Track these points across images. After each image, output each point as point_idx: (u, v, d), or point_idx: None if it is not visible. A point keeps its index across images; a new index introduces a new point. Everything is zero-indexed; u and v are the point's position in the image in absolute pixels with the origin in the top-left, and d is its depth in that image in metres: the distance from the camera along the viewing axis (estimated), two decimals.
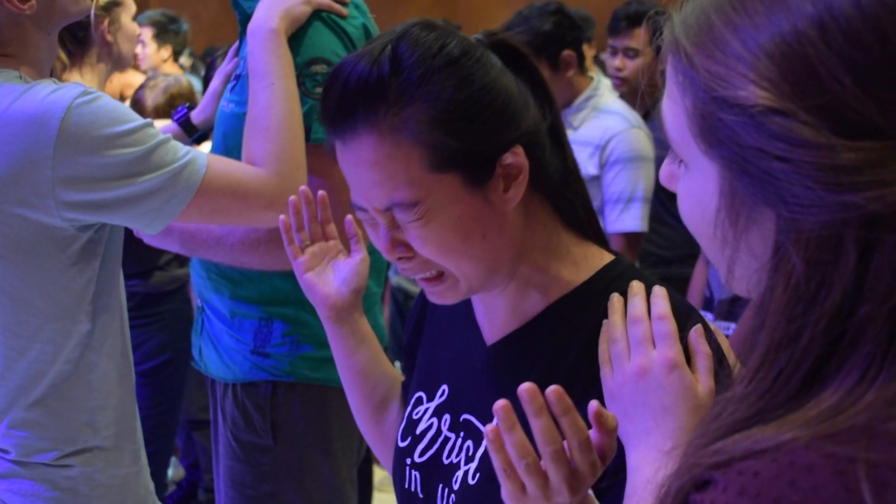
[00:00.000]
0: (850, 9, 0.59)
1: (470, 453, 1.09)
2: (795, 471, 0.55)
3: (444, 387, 1.16)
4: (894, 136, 0.57)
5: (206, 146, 2.34)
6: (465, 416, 1.12)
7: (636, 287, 0.99)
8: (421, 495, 1.15)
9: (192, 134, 2.07)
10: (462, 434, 1.11)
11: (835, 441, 0.55)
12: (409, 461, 1.16)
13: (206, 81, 2.77)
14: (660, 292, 0.97)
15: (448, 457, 1.12)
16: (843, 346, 0.58)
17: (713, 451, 0.59)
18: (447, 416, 1.14)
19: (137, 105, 2.96)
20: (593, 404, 0.83)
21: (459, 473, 1.09)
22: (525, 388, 0.82)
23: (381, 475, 3.56)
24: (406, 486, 1.17)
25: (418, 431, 1.17)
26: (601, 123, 2.94)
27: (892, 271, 0.57)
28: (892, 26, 0.58)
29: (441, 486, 1.11)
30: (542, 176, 1.05)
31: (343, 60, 1.02)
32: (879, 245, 0.57)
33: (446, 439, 1.13)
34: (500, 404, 0.82)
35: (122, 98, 3.64)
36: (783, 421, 0.58)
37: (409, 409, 1.20)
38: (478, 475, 1.07)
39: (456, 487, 1.09)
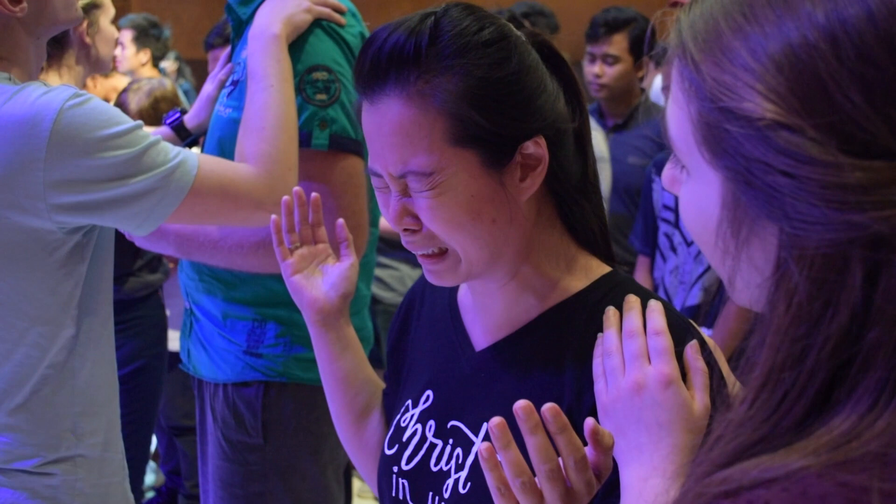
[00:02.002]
0: (862, 23, 0.57)
1: (460, 461, 1.08)
2: (808, 500, 0.53)
3: (429, 392, 1.15)
4: None
5: (194, 151, 2.32)
6: (453, 422, 1.11)
7: (632, 301, 0.98)
8: (411, 503, 1.13)
9: (185, 138, 2.06)
10: (451, 441, 1.10)
11: (847, 469, 0.54)
12: (395, 469, 1.15)
13: None
14: (656, 307, 0.96)
15: (437, 464, 1.11)
16: (853, 370, 0.56)
17: (721, 479, 0.57)
18: (432, 423, 1.13)
19: (121, 108, 2.92)
20: (589, 422, 0.83)
21: (450, 481, 1.08)
22: (521, 405, 0.80)
23: (362, 483, 3.54)
24: (394, 494, 1.15)
25: (405, 439, 1.15)
26: None
27: None
28: None
29: (431, 493, 1.10)
30: (561, 177, 1.05)
31: (378, 29, 1.02)
32: (886, 266, 0.55)
33: (432, 446, 1.12)
34: (496, 422, 0.81)
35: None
36: (792, 448, 0.56)
37: (397, 416, 1.19)
38: (469, 484, 1.06)
39: (447, 496, 1.08)
